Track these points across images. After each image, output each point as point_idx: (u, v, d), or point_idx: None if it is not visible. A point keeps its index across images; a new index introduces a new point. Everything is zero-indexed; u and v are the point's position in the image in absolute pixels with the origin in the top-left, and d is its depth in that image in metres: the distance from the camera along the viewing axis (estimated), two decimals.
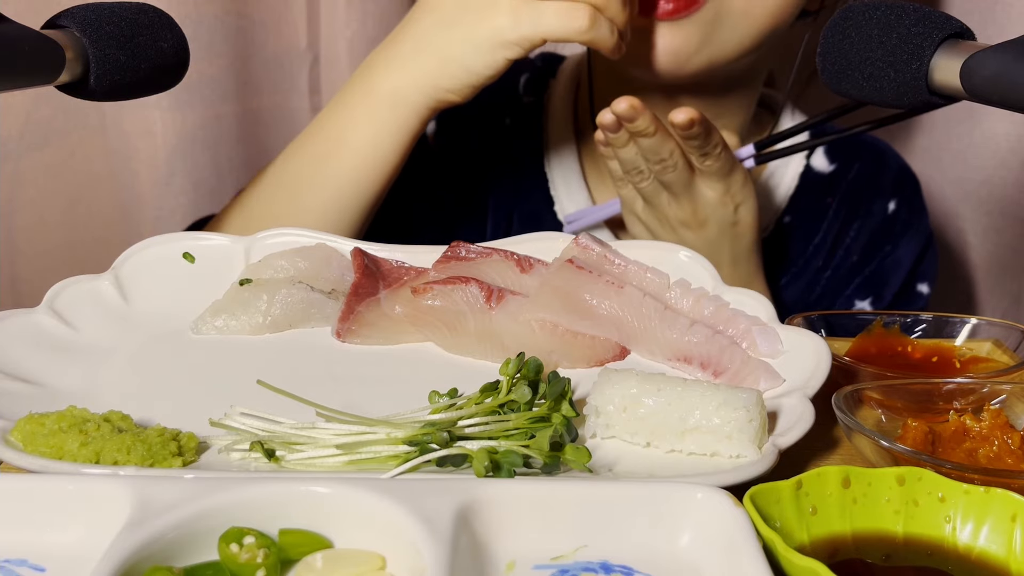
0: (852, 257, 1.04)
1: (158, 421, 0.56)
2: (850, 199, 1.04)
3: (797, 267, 1.04)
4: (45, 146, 1.14)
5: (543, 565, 0.45)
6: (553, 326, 0.66)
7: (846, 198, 1.04)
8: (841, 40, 0.63)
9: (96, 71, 0.61)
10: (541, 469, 0.52)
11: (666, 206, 0.85)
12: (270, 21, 1.20)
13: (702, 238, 0.86)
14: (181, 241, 0.75)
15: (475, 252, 0.73)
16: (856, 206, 1.04)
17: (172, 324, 0.70)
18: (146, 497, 0.45)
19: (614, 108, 0.79)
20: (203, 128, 1.16)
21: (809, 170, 1.05)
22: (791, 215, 1.05)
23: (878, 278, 1.03)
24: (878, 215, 1.04)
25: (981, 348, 0.72)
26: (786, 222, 1.05)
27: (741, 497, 0.46)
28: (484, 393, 0.57)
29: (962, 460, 0.55)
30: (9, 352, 0.62)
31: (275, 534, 0.45)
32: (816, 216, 1.05)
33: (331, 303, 0.71)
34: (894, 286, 1.03)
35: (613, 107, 0.79)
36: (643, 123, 0.79)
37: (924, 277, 1.04)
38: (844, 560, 0.48)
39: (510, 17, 0.79)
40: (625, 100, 0.79)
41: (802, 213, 1.05)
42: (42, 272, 1.17)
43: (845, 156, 1.06)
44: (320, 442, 0.53)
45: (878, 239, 1.04)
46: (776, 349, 0.65)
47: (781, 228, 1.05)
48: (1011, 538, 0.47)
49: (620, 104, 0.79)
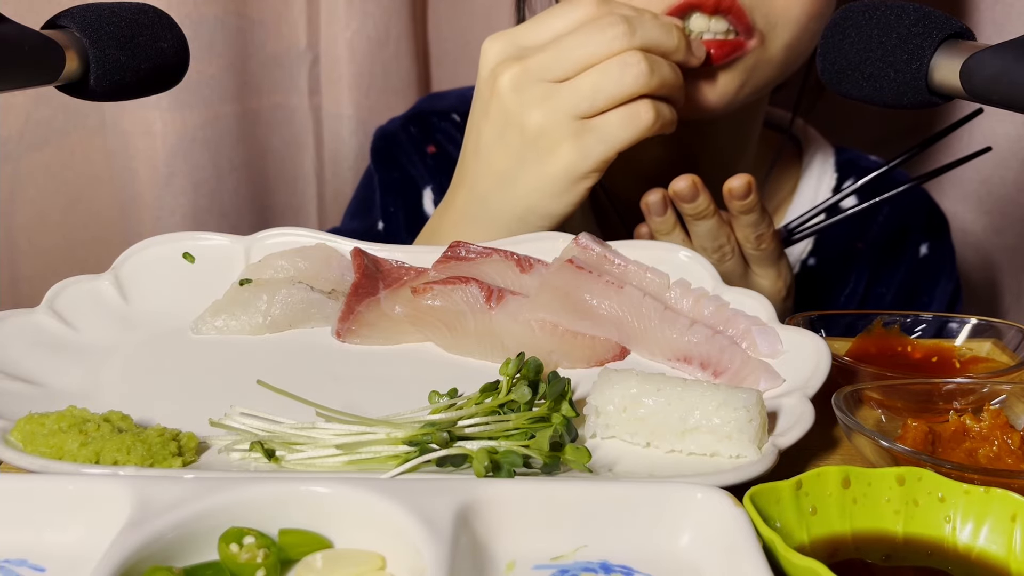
0: (886, 299, 1.01)
1: (158, 421, 0.56)
2: (881, 243, 1.00)
3: None
4: (45, 146, 1.14)
5: (543, 565, 0.45)
6: (553, 326, 0.66)
7: (877, 242, 1.00)
8: (841, 40, 0.63)
9: (96, 71, 0.61)
10: (541, 469, 0.52)
11: None
12: (270, 21, 1.20)
13: None
14: (181, 241, 0.75)
15: (475, 252, 0.72)
16: (887, 251, 1.00)
17: (172, 324, 0.70)
18: (146, 497, 0.45)
19: (674, 187, 0.74)
20: (203, 128, 1.16)
21: (836, 208, 1.00)
22: (816, 257, 1.01)
23: None
24: (910, 260, 1.00)
25: (981, 348, 0.72)
26: (811, 264, 1.01)
27: (741, 497, 0.46)
28: (484, 393, 0.57)
29: (962, 460, 0.55)
30: (9, 352, 0.62)
31: (275, 534, 0.45)
32: (845, 261, 1.00)
33: (331, 303, 0.71)
34: None
35: (673, 186, 0.74)
36: (703, 203, 0.74)
37: None
38: (844, 560, 0.48)
39: (575, 149, 0.72)
40: (685, 178, 0.74)
41: (828, 256, 1.00)
42: (42, 272, 1.17)
43: (874, 194, 1.01)
44: (320, 442, 0.53)
45: (911, 288, 1.00)
46: (776, 349, 0.65)
47: (806, 271, 1.01)
48: (1011, 538, 0.47)
49: (679, 183, 0.73)
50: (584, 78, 0.72)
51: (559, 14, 0.74)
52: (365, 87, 1.22)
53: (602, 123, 0.72)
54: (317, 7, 1.21)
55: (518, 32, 0.75)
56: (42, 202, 1.16)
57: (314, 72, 1.24)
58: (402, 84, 1.25)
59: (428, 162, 1.04)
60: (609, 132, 0.72)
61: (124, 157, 1.16)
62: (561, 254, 0.72)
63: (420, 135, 1.05)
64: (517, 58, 0.74)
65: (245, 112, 1.20)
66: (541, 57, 0.73)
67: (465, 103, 1.07)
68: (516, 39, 0.74)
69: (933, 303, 1.01)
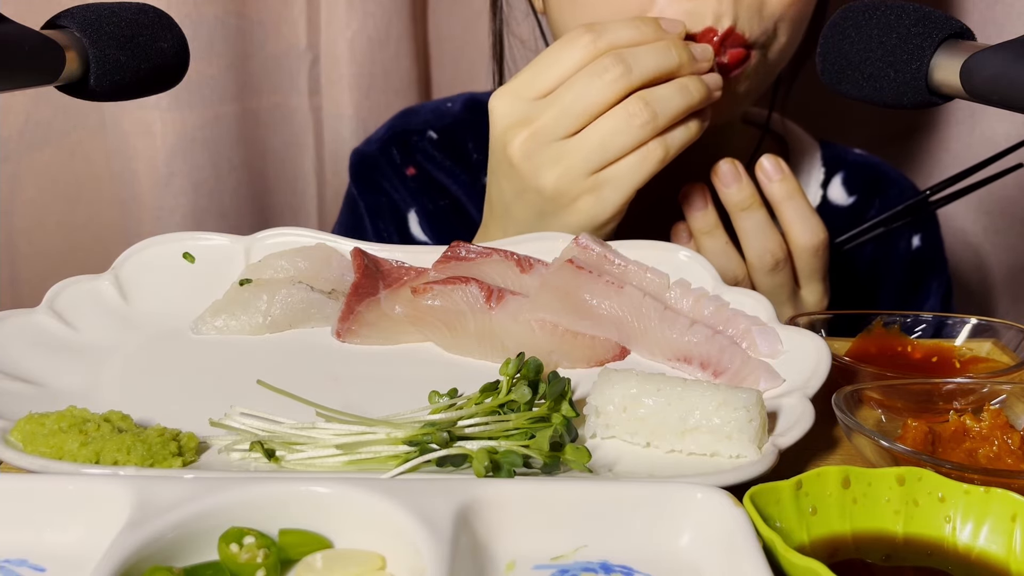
0: (879, 304, 1.01)
1: (158, 421, 0.56)
2: (873, 237, 0.99)
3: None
4: (45, 146, 1.14)
5: (543, 565, 0.45)
6: (553, 326, 0.66)
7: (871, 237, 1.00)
8: (841, 40, 0.63)
9: (96, 71, 0.61)
10: (541, 469, 0.52)
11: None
12: (270, 21, 1.20)
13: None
14: (181, 241, 0.75)
15: (475, 252, 0.72)
16: (879, 245, 1.01)
17: (172, 324, 0.70)
18: (146, 497, 0.45)
19: (715, 171, 0.76)
20: (203, 128, 1.16)
21: (827, 203, 1.01)
22: None
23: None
24: (903, 253, 1.01)
25: (981, 348, 0.72)
26: None
27: (741, 497, 0.46)
28: (484, 393, 0.57)
29: (962, 460, 0.55)
30: (9, 352, 0.62)
31: (275, 534, 0.45)
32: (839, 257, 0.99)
33: (331, 303, 0.71)
34: None
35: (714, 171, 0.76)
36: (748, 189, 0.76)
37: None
38: (844, 560, 0.48)
39: (593, 201, 0.74)
40: (726, 161, 0.76)
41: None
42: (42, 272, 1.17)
43: (864, 188, 1.02)
44: (320, 442, 0.53)
45: (906, 283, 1.01)
46: (776, 349, 0.65)
47: None
48: (1011, 538, 0.47)
49: (721, 165, 0.75)
50: (592, 133, 0.73)
51: (556, 58, 0.74)
52: (365, 87, 1.22)
53: (615, 173, 0.74)
54: (317, 7, 1.21)
55: (520, 85, 0.75)
56: (42, 202, 1.16)
57: (314, 72, 1.24)
58: (402, 84, 1.25)
59: (409, 185, 1.04)
60: (623, 179, 0.74)
61: (124, 157, 1.16)
62: (561, 254, 0.72)
63: (399, 157, 1.05)
64: (524, 122, 0.75)
65: (245, 112, 1.20)
66: (546, 118, 0.74)
67: (440, 117, 1.07)
68: (519, 93, 0.75)
69: (929, 301, 1.02)
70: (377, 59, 1.22)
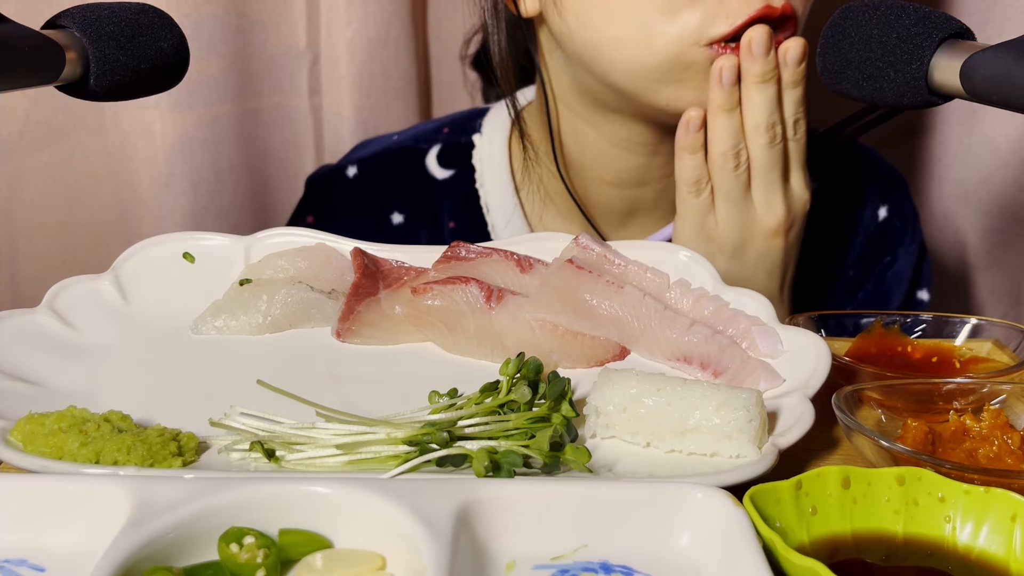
0: (849, 272, 1.01)
1: (158, 421, 0.56)
2: (837, 211, 1.00)
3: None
4: (45, 146, 1.14)
5: (543, 565, 0.45)
6: (553, 326, 0.66)
7: (833, 211, 1.00)
8: (840, 40, 0.63)
9: (96, 71, 0.61)
10: (541, 469, 0.52)
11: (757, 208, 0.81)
12: (270, 21, 1.20)
13: (785, 247, 0.82)
14: (181, 241, 0.75)
15: (475, 252, 0.72)
16: (845, 217, 1.00)
17: (172, 324, 0.70)
18: (146, 497, 0.45)
19: (748, 36, 0.74)
20: (202, 128, 1.16)
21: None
22: None
23: (881, 294, 1.00)
24: (870, 224, 1.01)
25: (981, 348, 0.72)
26: None
27: (741, 497, 0.46)
28: (484, 393, 0.57)
29: (962, 460, 0.55)
30: (9, 352, 0.62)
31: (275, 534, 0.45)
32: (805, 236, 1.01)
33: (331, 303, 0.71)
34: (897, 300, 0.99)
35: (746, 36, 0.74)
36: (774, 61, 0.75)
37: (924, 283, 1.01)
38: (844, 560, 0.48)
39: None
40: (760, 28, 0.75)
41: None
42: (42, 272, 1.17)
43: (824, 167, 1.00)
44: (320, 442, 0.53)
45: (874, 251, 1.01)
46: (776, 349, 0.65)
47: None
48: (1011, 538, 0.47)
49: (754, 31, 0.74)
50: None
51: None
52: (365, 87, 1.22)
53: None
54: (317, 7, 1.21)
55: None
56: (42, 202, 1.16)
57: (314, 72, 1.24)
58: (402, 84, 1.25)
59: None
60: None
61: (124, 157, 1.16)
62: (561, 254, 0.72)
63: (304, 201, 1.05)
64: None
65: (245, 112, 1.20)
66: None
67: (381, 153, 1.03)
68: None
69: (897, 263, 1.01)
70: (377, 59, 1.22)
